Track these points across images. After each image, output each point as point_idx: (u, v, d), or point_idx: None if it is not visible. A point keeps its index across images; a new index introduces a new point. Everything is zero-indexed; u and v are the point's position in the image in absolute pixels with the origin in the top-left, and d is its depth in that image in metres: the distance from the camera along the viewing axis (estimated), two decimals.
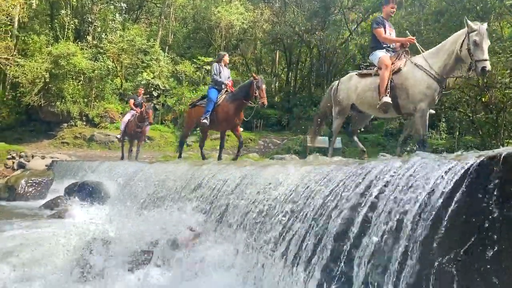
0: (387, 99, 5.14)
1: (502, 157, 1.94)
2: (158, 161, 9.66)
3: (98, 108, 21.81)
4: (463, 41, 4.85)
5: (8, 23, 18.94)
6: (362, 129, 7.20)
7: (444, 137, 20.63)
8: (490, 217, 1.87)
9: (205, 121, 7.72)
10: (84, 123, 21.55)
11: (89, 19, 23.38)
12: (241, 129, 8.32)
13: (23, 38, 21.51)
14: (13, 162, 14.97)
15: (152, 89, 22.21)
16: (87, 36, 23.27)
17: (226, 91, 7.98)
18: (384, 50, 5.70)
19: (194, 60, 24.30)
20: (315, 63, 26.08)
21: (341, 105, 6.17)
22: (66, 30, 22.42)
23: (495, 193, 1.89)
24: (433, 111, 5.53)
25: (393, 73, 5.29)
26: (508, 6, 14.82)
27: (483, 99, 14.36)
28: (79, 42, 22.39)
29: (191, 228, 4.42)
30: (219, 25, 24.00)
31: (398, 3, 21.07)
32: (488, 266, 1.85)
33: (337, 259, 2.62)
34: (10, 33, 20.08)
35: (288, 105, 24.64)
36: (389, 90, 5.19)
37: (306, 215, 3.11)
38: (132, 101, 12.68)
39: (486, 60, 4.58)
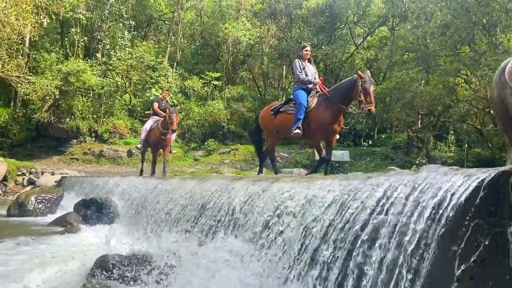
0: None
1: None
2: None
3: (107, 124, 22.03)
4: None
5: (20, 41, 19.31)
6: (370, 142, 6.97)
7: (453, 149, 20.51)
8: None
9: (297, 131, 6.33)
10: (93, 139, 21.74)
11: (99, 37, 23.76)
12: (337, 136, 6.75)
13: (34, 56, 21.90)
14: (23, 179, 15.13)
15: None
16: (97, 53, 23.63)
17: (317, 92, 6.63)
18: None
19: (202, 75, 24.52)
20: (322, 77, 26.16)
21: None
22: (76, 47, 22.79)
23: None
24: None
25: None
26: None
27: (492, 111, 14.28)
28: (89, 59, 22.72)
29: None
30: (227, 41, 24.25)
31: (403, 16, 21.20)
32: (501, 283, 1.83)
33: None
34: (21, 52, 20.47)
35: None
36: None
37: None
38: (156, 104, 11.24)
39: None
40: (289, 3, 25.20)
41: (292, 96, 6.92)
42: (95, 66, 22.50)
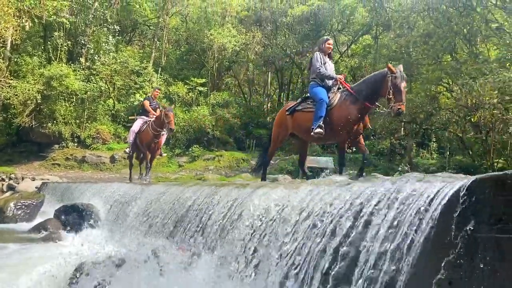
0: None
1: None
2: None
3: (90, 129, 21.75)
4: None
5: (1, 45, 18.97)
6: (354, 149, 6.72)
7: (435, 157, 20.80)
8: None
9: (319, 130, 5.63)
10: (76, 144, 21.43)
11: (82, 41, 23.52)
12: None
13: (15, 59, 21.53)
14: (3, 185, 14.79)
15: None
16: (80, 58, 23.37)
17: (339, 88, 6.04)
18: None
19: (187, 81, 24.46)
20: (307, 84, 26.33)
21: None
22: (59, 52, 22.51)
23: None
24: None
25: None
26: (494, 29, 15.19)
27: (473, 119, 14.57)
28: (72, 64, 22.45)
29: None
30: (212, 47, 24.26)
31: (387, 25, 21.53)
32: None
33: None
34: (2, 55, 20.11)
35: None
36: None
37: None
38: (147, 102, 10.45)
39: None
40: (275, 10, 25.39)
41: (309, 94, 6.28)
42: (79, 71, 22.24)
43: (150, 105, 10.31)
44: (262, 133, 24.20)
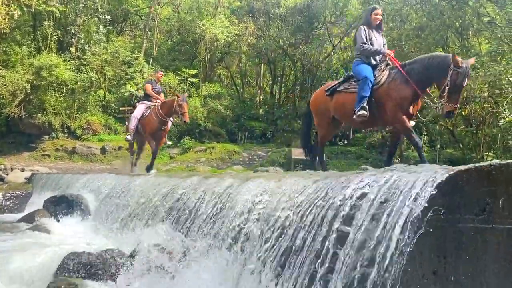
0: None
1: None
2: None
3: (81, 120, 21.55)
4: None
5: None
6: (346, 142, 6.43)
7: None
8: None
9: (362, 112, 4.98)
10: (66, 135, 21.23)
11: (73, 31, 23.22)
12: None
13: (4, 49, 21.22)
14: None
15: (136, 101, 22.03)
16: (70, 48, 23.08)
17: (388, 65, 5.26)
18: None
19: (179, 72, 24.29)
20: (299, 76, 26.34)
21: None
22: (48, 41, 22.21)
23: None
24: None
25: None
26: (485, 23, 15.26)
27: (463, 112, 14.66)
28: (62, 54, 22.18)
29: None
30: (204, 38, 24.08)
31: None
32: (463, 278, 1.87)
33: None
34: None
35: (272, 118, 24.77)
36: None
37: None
38: (149, 86, 9.47)
39: None
40: (267, 1, 25.23)
41: (352, 73, 5.58)
42: (69, 61, 21.98)
43: (152, 89, 9.42)
44: (254, 125, 24.19)
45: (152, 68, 24.52)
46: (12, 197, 9.39)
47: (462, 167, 2.08)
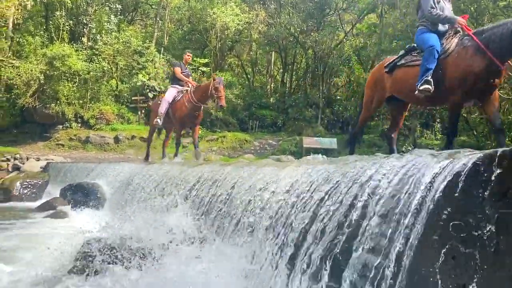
0: None
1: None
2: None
3: (94, 109, 21.74)
4: None
5: (3, 24, 18.86)
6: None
7: (439, 137, 20.74)
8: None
9: (426, 86, 4.39)
10: (79, 125, 21.47)
11: (84, 21, 23.33)
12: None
13: (17, 39, 21.43)
14: (8, 165, 14.90)
15: (148, 90, 22.17)
16: (82, 38, 23.22)
17: (457, 32, 4.60)
18: None
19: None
20: (311, 64, 26.13)
21: None
22: (61, 31, 22.36)
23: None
24: None
25: None
26: (501, 7, 14.94)
27: None
28: (74, 44, 22.33)
29: None
30: (215, 27, 24.00)
31: (392, 4, 21.18)
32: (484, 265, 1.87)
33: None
34: (4, 35, 20.00)
35: (283, 106, 24.70)
36: None
37: None
38: (178, 69, 8.94)
39: None
40: None
41: (415, 43, 4.97)
42: (81, 51, 22.13)
43: (182, 72, 8.92)
44: (265, 114, 24.15)
45: (164, 58, 24.57)
46: (29, 186, 9.58)
47: (485, 152, 2.07)
